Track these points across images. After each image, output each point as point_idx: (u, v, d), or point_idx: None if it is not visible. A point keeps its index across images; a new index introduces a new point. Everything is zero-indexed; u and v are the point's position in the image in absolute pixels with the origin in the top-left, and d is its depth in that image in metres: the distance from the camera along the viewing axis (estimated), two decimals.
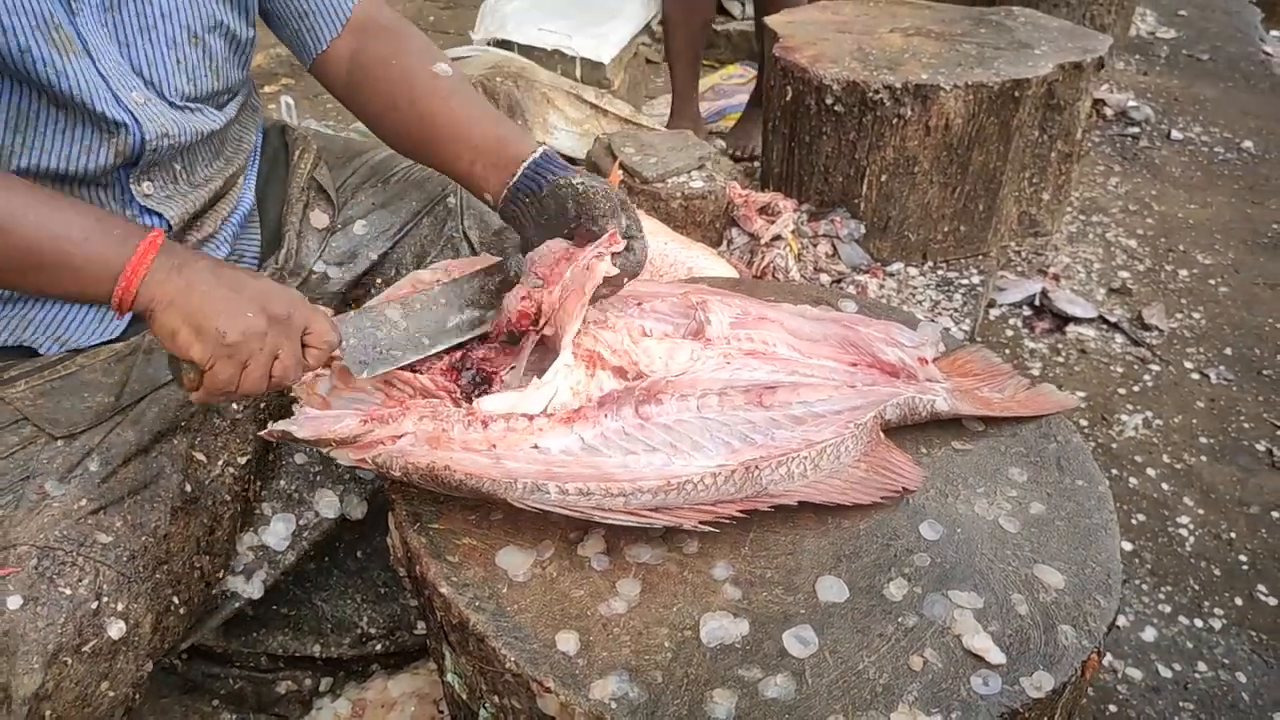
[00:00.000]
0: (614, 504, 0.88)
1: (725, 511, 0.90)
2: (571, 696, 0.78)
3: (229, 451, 1.13)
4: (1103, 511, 0.97)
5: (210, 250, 1.21)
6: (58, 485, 0.98)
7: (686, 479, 0.89)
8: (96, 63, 1.02)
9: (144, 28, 1.06)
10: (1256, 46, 4.28)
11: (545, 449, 0.92)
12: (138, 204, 1.11)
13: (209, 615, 1.16)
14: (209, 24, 1.12)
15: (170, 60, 1.09)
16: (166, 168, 1.13)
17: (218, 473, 1.11)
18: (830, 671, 0.80)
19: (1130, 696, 1.43)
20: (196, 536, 1.07)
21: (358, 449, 0.93)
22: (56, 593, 0.91)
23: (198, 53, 1.11)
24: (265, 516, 1.20)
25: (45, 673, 0.88)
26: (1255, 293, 2.48)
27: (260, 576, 1.18)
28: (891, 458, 0.99)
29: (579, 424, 0.95)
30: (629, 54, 3.22)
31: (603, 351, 1.03)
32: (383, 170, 1.40)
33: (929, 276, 2.43)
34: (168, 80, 1.09)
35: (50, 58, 0.98)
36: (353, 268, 1.31)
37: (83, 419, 1.03)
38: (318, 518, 1.22)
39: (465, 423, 0.94)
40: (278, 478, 1.22)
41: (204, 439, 1.11)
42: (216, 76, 1.15)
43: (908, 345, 1.12)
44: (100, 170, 1.06)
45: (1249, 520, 1.77)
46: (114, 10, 1.04)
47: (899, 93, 2.22)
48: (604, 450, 0.93)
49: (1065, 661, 0.81)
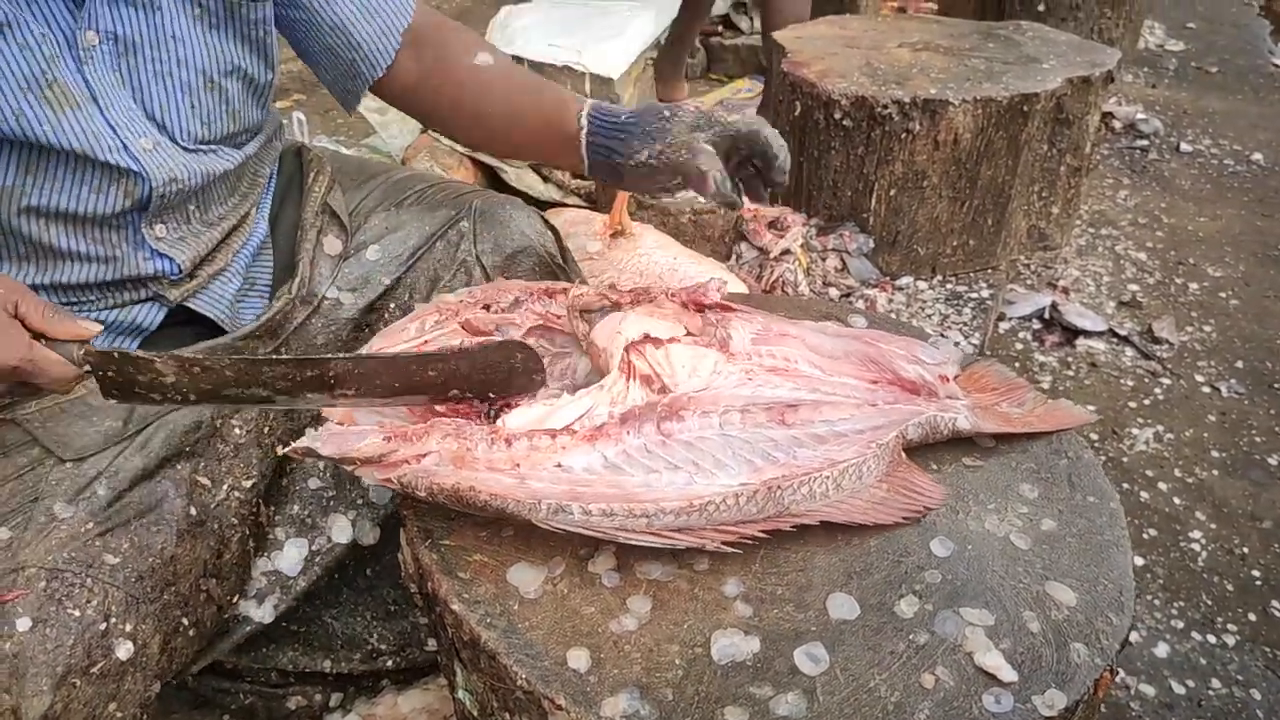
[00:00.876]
0: (637, 524, 0.88)
1: (748, 532, 0.90)
2: (583, 714, 0.78)
3: (233, 476, 1.13)
4: (1115, 528, 0.97)
5: (222, 282, 1.21)
6: (66, 507, 0.98)
7: (709, 499, 0.89)
8: (104, 111, 1.02)
9: (158, 74, 1.06)
10: (1265, 59, 4.27)
11: (569, 467, 0.92)
12: (149, 246, 1.11)
13: (220, 638, 1.16)
14: (226, 69, 1.11)
15: (185, 105, 1.08)
16: (180, 210, 1.13)
17: (223, 497, 1.11)
18: (842, 689, 0.80)
19: (1144, 713, 1.43)
20: (204, 559, 1.07)
21: (382, 468, 0.93)
22: (65, 614, 0.91)
23: (213, 97, 1.11)
24: (278, 541, 1.20)
25: (54, 695, 0.88)
26: (1266, 305, 2.48)
27: (272, 601, 1.18)
28: (913, 478, 0.99)
29: (601, 441, 0.95)
30: (638, 69, 3.23)
31: (634, 359, 1.03)
32: (396, 193, 1.39)
33: (938, 290, 2.43)
34: (181, 125, 1.09)
35: (44, 116, 0.97)
36: (366, 293, 1.30)
37: (91, 443, 1.03)
38: (330, 543, 1.22)
39: (489, 441, 0.94)
40: (291, 503, 1.23)
41: (208, 464, 1.11)
42: (233, 120, 1.15)
43: (929, 363, 1.12)
44: (112, 212, 1.06)
45: (1261, 535, 1.76)
46: (128, 56, 1.03)
47: (907, 107, 2.23)
48: (627, 469, 0.93)
49: (1078, 679, 0.81)
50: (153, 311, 1.16)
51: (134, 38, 1.03)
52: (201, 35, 1.08)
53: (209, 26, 1.09)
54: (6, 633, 0.88)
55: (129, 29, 1.02)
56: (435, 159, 2.54)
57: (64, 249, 1.06)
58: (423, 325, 1.10)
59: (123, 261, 1.10)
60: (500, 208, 1.34)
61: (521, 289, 1.15)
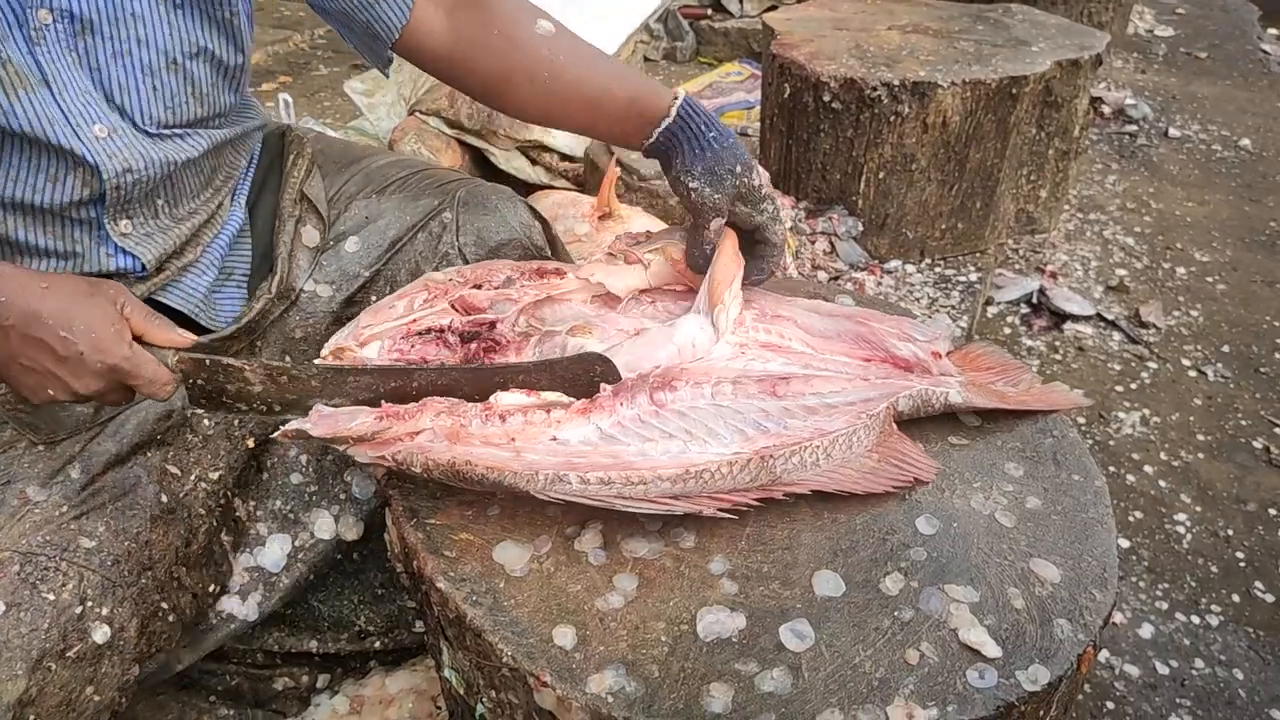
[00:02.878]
0: (634, 492, 0.88)
1: (742, 499, 0.90)
2: (568, 690, 0.78)
3: (200, 466, 1.12)
4: (1099, 506, 0.97)
5: (194, 276, 1.16)
6: (40, 490, 0.98)
7: (704, 467, 0.90)
8: (57, 96, 0.97)
9: (117, 53, 1.00)
10: (1254, 44, 4.28)
11: (564, 440, 0.93)
12: (113, 243, 1.06)
13: (204, 636, 1.16)
14: (190, 50, 1.05)
15: (146, 87, 1.03)
16: (148, 204, 1.08)
17: (190, 487, 1.10)
18: (826, 665, 0.80)
19: (1128, 693, 1.44)
20: (175, 547, 1.07)
21: (375, 446, 0.92)
22: (40, 598, 0.91)
23: (177, 79, 1.05)
24: (260, 537, 1.20)
25: (29, 679, 0.88)
26: (1253, 290, 2.49)
27: (255, 599, 1.17)
28: (904, 449, 0.99)
29: (595, 414, 0.95)
30: (627, 51, 3.22)
31: None
32: (378, 180, 1.34)
33: (927, 274, 2.43)
34: (142, 108, 1.03)
35: (6, 104, 0.93)
36: (344, 287, 1.26)
37: (62, 427, 1.02)
38: (313, 539, 1.21)
39: (483, 417, 0.94)
40: (273, 498, 1.22)
41: (176, 453, 1.10)
42: (200, 103, 1.09)
43: (921, 340, 1.12)
44: (69, 202, 1.02)
45: (1246, 517, 1.77)
46: (84, 35, 0.98)
47: (896, 90, 2.22)
48: (622, 438, 0.93)
49: (1061, 655, 0.81)
50: None
51: (91, 16, 0.97)
52: (164, 14, 1.02)
53: (172, 5, 1.03)
54: None
55: (85, 7, 0.97)
56: (423, 141, 2.52)
57: (23, 242, 1.02)
58: (411, 303, 1.09)
59: (84, 258, 1.06)
60: (486, 198, 1.31)
61: (513, 268, 1.15)
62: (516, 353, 1.06)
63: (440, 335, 1.06)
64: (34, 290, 0.89)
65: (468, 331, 1.07)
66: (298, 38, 4.23)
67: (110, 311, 0.91)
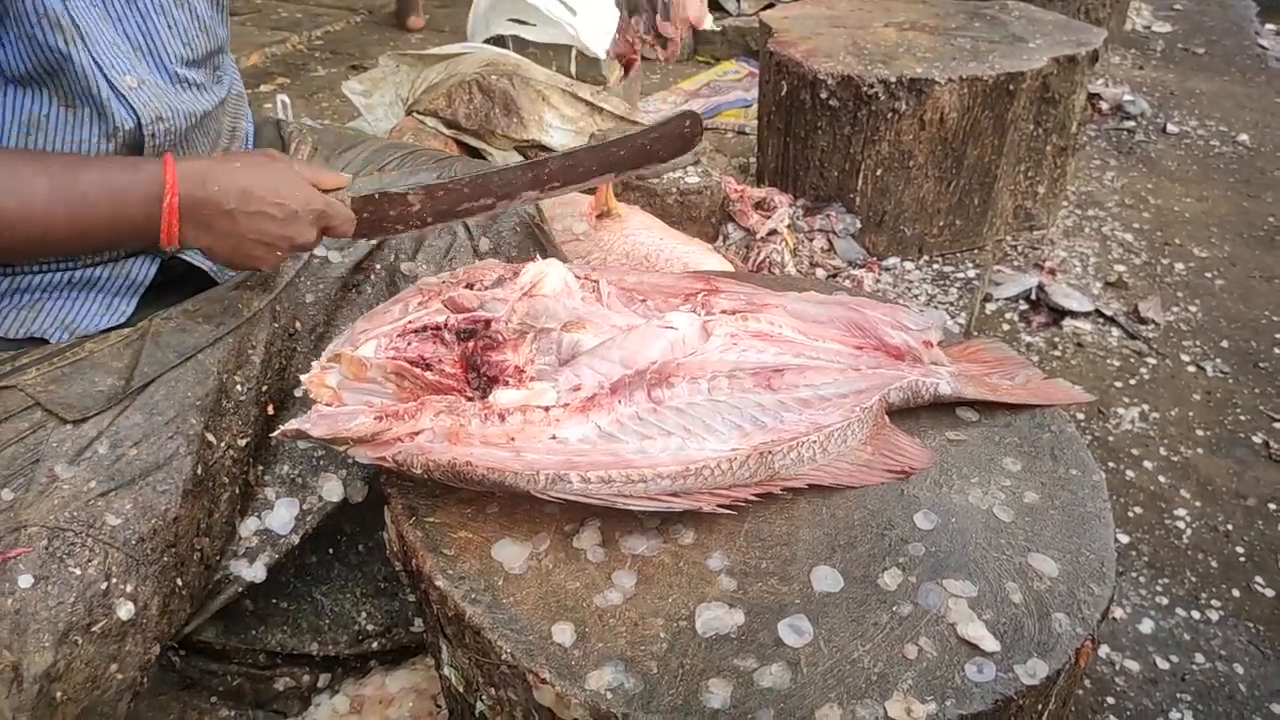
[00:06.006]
0: (634, 490, 0.89)
1: (741, 495, 0.91)
2: (567, 687, 0.78)
3: (230, 433, 1.13)
4: (1096, 500, 0.97)
5: None
6: (67, 468, 0.98)
7: (703, 464, 0.90)
8: (90, 48, 1.03)
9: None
10: (1252, 40, 4.28)
11: (563, 439, 0.93)
12: None
13: (210, 599, 1.16)
14: None
15: (162, 26, 1.11)
16: None
17: (220, 454, 1.11)
18: (825, 661, 0.80)
19: (1128, 688, 1.44)
20: (198, 519, 1.07)
21: (375, 447, 0.93)
22: (67, 572, 0.91)
23: (185, 14, 1.14)
24: (269, 501, 1.20)
25: (56, 651, 0.88)
26: (1251, 285, 2.49)
27: (263, 560, 1.17)
28: (897, 440, 1.01)
29: (594, 412, 0.95)
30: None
31: None
32: (378, 159, 1.40)
33: (925, 271, 2.43)
34: (165, 47, 1.12)
35: (66, 51, 1.01)
36: (353, 252, 1.31)
37: (94, 403, 1.03)
38: (321, 501, 1.21)
39: (482, 416, 0.94)
40: (281, 462, 1.22)
41: (213, 419, 1.11)
42: (207, 35, 1.18)
43: (913, 329, 1.13)
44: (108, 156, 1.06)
45: (1245, 512, 1.77)
46: None
47: (894, 87, 2.22)
48: (621, 436, 0.94)
49: (1059, 649, 0.81)
50: (146, 264, 1.16)
51: None
52: None
53: None
54: (8, 590, 0.88)
55: None
56: (420, 141, 2.53)
57: None
58: (406, 306, 1.10)
59: None
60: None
61: (504, 268, 1.15)
62: (514, 349, 1.06)
63: (437, 333, 1.07)
64: (235, 172, 1.02)
65: (464, 329, 1.08)
66: (295, 39, 4.23)
67: (293, 170, 1.06)
